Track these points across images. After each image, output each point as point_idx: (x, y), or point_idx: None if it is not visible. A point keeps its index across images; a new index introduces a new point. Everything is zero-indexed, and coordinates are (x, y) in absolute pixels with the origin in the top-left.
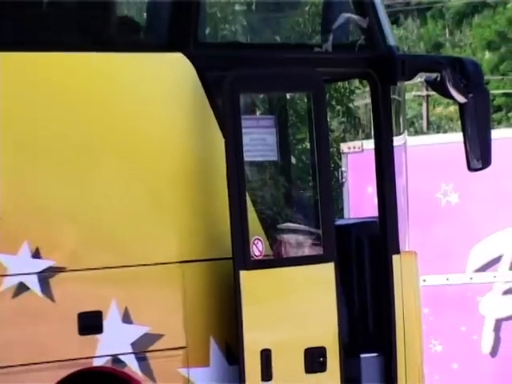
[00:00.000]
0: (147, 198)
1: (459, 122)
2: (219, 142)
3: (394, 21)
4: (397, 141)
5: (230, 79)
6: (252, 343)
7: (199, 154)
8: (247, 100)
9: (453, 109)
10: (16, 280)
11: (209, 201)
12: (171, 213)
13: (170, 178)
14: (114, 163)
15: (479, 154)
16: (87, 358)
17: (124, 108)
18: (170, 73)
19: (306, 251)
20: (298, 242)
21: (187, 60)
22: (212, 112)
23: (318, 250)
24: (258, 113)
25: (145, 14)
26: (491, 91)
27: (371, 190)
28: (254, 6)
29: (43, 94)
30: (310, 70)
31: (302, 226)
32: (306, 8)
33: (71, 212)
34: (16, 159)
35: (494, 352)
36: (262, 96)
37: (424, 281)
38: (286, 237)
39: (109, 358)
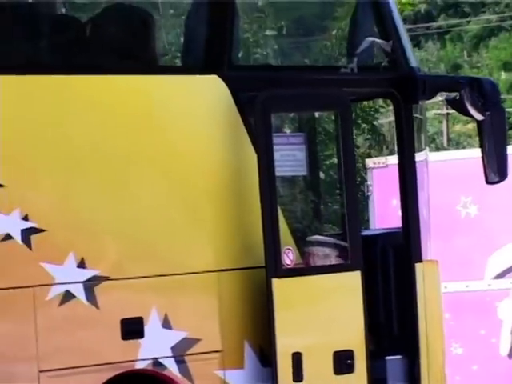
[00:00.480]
0: (185, 210)
1: (477, 139)
2: (252, 157)
3: (416, 44)
4: (419, 156)
5: (262, 99)
6: (284, 346)
7: (233, 169)
8: (278, 118)
9: (471, 126)
10: (63, 288)
11: (242, 213)
12: (208, 224)
13: (207, 192)
14: (154, 178)
15: (496, 168)
16: (130, 361)
17: (164, 127)
18: (206, 93)
19: (334, 261)
20: (326, 253)
21: (222, 81)
22: (245, 130)
23: (346, 259)
24: (288, 130)
25: (181, 39)
26: (507, 109)
27: (395, 202)
28: (284, 31)
29: (89, 113)
30: (337, 90)
31: (329, 239)
32: (333, 32)
33: (114, 224)
34: (63, 175)
35: (511, 354)
36: (292, 115)
37: (445, 287)
38: (315, 248)
39: (150, 361)
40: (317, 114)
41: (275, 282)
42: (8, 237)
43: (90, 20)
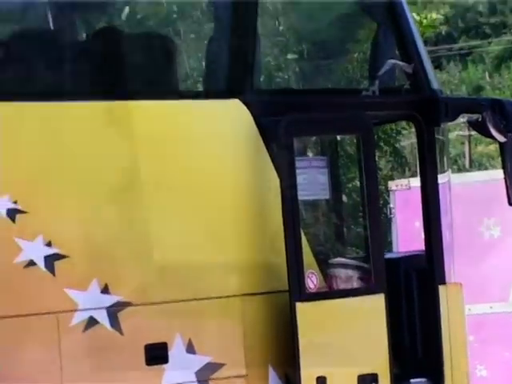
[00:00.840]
0: (209, 234)
1: (499, 160)
2: (275, 181)
3: (437, 65)
4: (441, 178)
5: (284, 123)
6: (308, 371)
7: (256, 193)
8: (300, 142)
9: (493, 147)
10: (86, 314)
11: (266, 237)
12: (231, 249)
13: (230, 216)
14: (177, 203)
15: None
16: None
17: (186, 152)
18: (228, 118)
19: (357, 284)
20: (349, 275)
21: (243, 106)
22: (267, 154)
23: (369, 282)
24: (310, 154)
25: (203, 63)
26: None
27: (418, 224)
28: (305, 54)
29: (111, 138)
30: (358, 113)
31: (353, 261)
32: (355, 55)
33: (137, 249)
34: (85, 200)
35: None
36: (314, 138)
37: (469, 310)
38: (338, 271)
39: None
40: (339, 137)
41: (299, 306)
42: (31, 263)
43: (113, 47)
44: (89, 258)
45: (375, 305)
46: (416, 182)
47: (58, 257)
